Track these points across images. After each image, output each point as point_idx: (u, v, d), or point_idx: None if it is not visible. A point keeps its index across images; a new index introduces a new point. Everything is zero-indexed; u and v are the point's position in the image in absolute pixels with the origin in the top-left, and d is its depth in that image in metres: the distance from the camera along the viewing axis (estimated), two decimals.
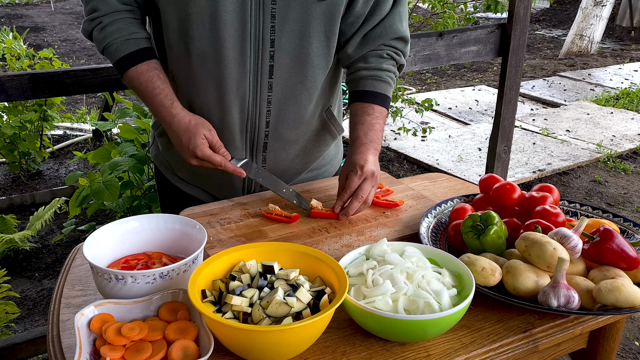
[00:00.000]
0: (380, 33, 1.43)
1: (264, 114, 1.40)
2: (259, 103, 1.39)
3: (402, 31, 1.45)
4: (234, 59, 1.32)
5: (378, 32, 1.43)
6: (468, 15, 3.97)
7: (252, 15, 1.28)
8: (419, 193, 1.51)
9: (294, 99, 1.41)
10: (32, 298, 2.93)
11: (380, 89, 1.44)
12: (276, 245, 1.06)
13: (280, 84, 1.37)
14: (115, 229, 1.10)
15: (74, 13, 11.08)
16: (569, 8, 11.49)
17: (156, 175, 1.69)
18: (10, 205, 3.73)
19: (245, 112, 1.40)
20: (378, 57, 1.45)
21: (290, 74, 1.37)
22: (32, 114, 3.75)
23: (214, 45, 1.30)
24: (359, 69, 1.45)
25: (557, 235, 1.08)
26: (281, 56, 1.34)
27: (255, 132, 1.43)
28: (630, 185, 4.40)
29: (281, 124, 1.43)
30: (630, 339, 2.74)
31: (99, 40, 1.34)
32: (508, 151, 2.98)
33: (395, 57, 1.46)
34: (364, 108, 1.43)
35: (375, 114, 1.42)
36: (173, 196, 1.63)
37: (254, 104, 1.39)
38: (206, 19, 1.27)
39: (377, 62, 1.44)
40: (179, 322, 0.95)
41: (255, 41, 1.31)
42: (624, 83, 7.17)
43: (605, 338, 1.23)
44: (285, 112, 1.42)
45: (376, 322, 0.94)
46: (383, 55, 1.45)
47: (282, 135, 1.46)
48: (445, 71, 7.90)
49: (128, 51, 1.33)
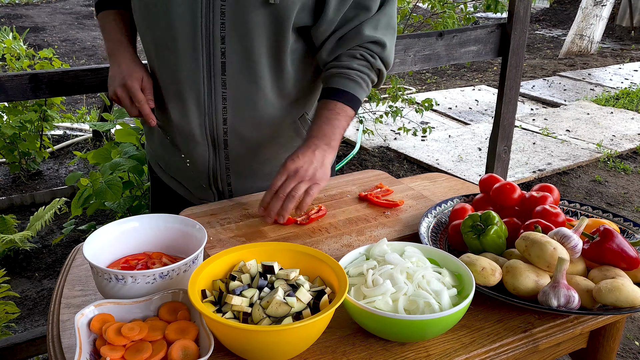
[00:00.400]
0: (352, 36, 1.38)
1: (220, 110, 1.40)
2: (214, 99, 1.39)
3: (376, 36, 1.39)
4: (187, 52, 1.34)
5: (350, 36, 1.39)
6: (468, 15, 3.98)
7: (203, 10, 1.29)
8: (419, 193, 1.51)
9: (249, 99, 1.40)
10: (32, 298, 2.93)
11: (346, 87, 1.37)
12: (276, 245, 1.06)
13: (233, 82, 1.37)
14: (115, 229, 1.10)
15: (74, 13, 11.08)
16: (569, 8, 11.49)
17: (148, 168, 1.74)
18: (10, 205, 3.73)
19: (202, 107, 1.40)
20: (350, 56, 1.39)
21: (243, 73, 1.36)
22: (32, 114, 3.75)
23: (168, 36, 1.33)
24: (329, 67, 1.41)
25: (557, 235, 1.08)
26: (232, 54, 1.33)
27: (214, 128, 1.42)
28: (630, 185, 4.40)
29: (239, 123, 1.42)
30: (630, 339, 2.74)
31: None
32: (508, 151, 2.98)
33: (369, 59, 1.39)
34: (326, 104, 1.38)
35: (336, 110, 1.36)
36: (158, 188, 1.66)
37: (209, 99, 1.39)
38: (161, 8, 1.31)
39: (348, 60, 1.39)
40: (179, 322, 0.95)
41: (207, 36, 1.32)
42: (624, 83, 7.17)
43: (605, 338, 1.23)
44: (242, 111, 1.41)
45: (376, 322, 0.94)
46: (356, 55, 1.39)
47: (242, 135, 1.44)
48: (445, 71, 7.90)
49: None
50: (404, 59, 2.55)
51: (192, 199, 1.58)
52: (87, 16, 10.80)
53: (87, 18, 10.65)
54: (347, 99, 1.37)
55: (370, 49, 1.41)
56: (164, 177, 1.63)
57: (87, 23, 10.27)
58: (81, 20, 10.46)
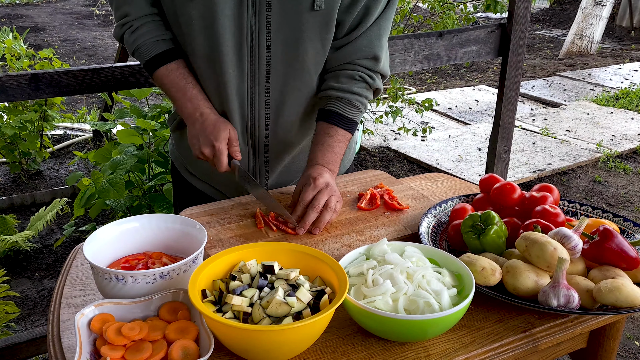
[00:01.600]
0: (352, 50, 1.40)
1: (263, 117, 1.43)
2: (257, 106, 1.41)
3: (375, 50, 1.41)
4: (232, 63, 1.35)
5: (350, 49, 1.40)
6: (468, 15, 3.98)
7: (249, 21, 1.31)
8: (419, 193, 1.51)
9: (291, 103, 1.43)
10: (32, 298, 2.93)
11: (347, 113, 1.41)
12: (276, 245, 1.06)
13: (277, 88, 1.39)
14: (115, 229, 1.10)
15: (74, 13, 11.08)
16: (569, 8, 11.49)
17: (172, 170, 1.73)
18: (11, 205, 3.73)
19: (245, 115, 1.42)
20: (349, 78, 1.42)
21: (287, 80, 1.39)
22: (32, 114, 3.75)
23: (213, 49, 1.33)
24: (329, 87, 1.43)
25: (558, 235, 1.08)
26: (277, 62, 1.36)
27: (256, 134, 1.46)
28: (630, 185, 4.40)
29: (281, 127, 1.45)
30: (630, 338, 2.74)
31: (129, 42, 1.40)
32: (508, 151, 2.98)
33: (368, 80, 1.43)
34: (327, 129, 1.41)
35: (338, 137, 1.41)
36: (185, 191, 1.66)
37: (253, 107, 1.41)
38: (207, 22, 1.30)
39: (349, 83, 1.42)
40: (179, 322, 0.95)
41: (252, 46, 1.34)
42: (624, 83, 7.17)
43: (605, 338, 1.23)
44: (284, 115, 1.44)
45: (376, 322, 0.94)
46: (355, 77, 1.42)
47: (282, 138, 1.48)
48: (445, 71, 7.90)
49: (158, 51, 1.38)
50: (404, 59, 2.55)
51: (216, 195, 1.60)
52: (87, 16, 10.80)
53: (87, 18, 10.65)
54: (347, 124, 1.42)
55: (367, 67, 1.43)
56: (196, 182, 1.62)
57: (87, 23, 10.27)
58: (81, 20, 10.46)
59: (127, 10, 1.37)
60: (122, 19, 1.39)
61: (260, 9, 1.30)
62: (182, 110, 1.41)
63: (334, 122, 1.41)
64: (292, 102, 1.43)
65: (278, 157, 1.51)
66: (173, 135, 1.64)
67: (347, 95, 1.41)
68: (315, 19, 1.32)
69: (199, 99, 1.40)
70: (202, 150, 1.37)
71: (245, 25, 1.31)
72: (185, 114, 1.41)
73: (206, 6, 1.28)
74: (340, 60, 1.42)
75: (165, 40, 1.39)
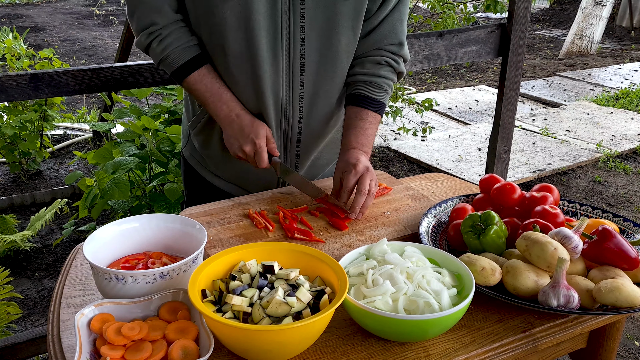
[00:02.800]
0: (378, 37, 1.45)
1: (297, 110, 1.45)
2: (292, 100, 1.44)
3: (399, 35, 1.47)
4: (267, 59, 1.36)
5: (376, 37, 1.45)
6: (468, 15, 3.98)
7: (283, 17, 1.33)
8: (419, 193, 1.51)
9: (324, 94, 1.46)
10: (32, 298, 2.93)
11: (376, 95, 1.46)
12: (276, 245, 1.06)
13: (311, 80, 1.42)
14: (115, 229, 1.11)
15: (74, 13, 11.08)
16: (569, 8, 11.49)
17: (187, 174, 1.72)
18: (11, 205, 3.74)
19: (279, 110, 1.44)
20: (375, 63, 1.47)
21: (321, 70, 1.42)
22: (32, 114, 3.75)
23: (248, 47, 1.34)
24: (356, 73, 1.47)
25: (558, 235, 1.08)
26: (311, 54, 1.38)
27: (289, 128, 1.48)
28: (630, 185, 4.40)
29: (313, 119, 1.48)
30: (630, 338, 2.74)
31: (157, 52, 1.38)
32: (508, 151, 2.98)
33: (393, 64, 1.48)
34: (358, 112, 1.45)
35: (369, 119, 1.44)
36: (206, 193, 1.64)
37: (287, 101, 1.44)
38: (241, 22, 1.31)
39: (374, 68, 1.46)
40: (179, 322, 0.95)
41: (287, 41, 1.36)
42: (624, 83, 7.17)
43: (605, 338, 1.23)
44: (317, 107, 1.47)
45: (376, 322, 0.94)
46: (381, 62, 1.47)
47: (313, 130, 1.51)
48: (445, 71, 7.90)
49: (189, 57, 1.38)
50: None
51: None
52: (87, 16, 10.80)
53: (87, 18, 10.66)
54: (377, 107, 1.46)
55: (392, 52, 1.48)
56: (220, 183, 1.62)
57: (87, 23, 10.27)
58: (81, 20, 10.46)
59: (154, 19, 1.34)
60: (147, 27, 1.35)
61: (294, 3, 1.32)
62: (217, 112, 1.42)
63: (364, 106, 1.45)
64: (325, 93, 1.46)
65: (308, 150, 1.54)
66: (197, 139, 1.61)
67: (374, 79, 1.46)
68: (347, 8, 1.35)
69: (233, 101, 1.42)
70: (243, 148, 1.39)
71: (279, 20, 1.33)
72: (222, 116, 1.42)
73: (242, 5, 1.29)
74: (367, 47, 1.46)
75: (194, 46, 1.39)
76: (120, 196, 2.56)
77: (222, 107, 1.41)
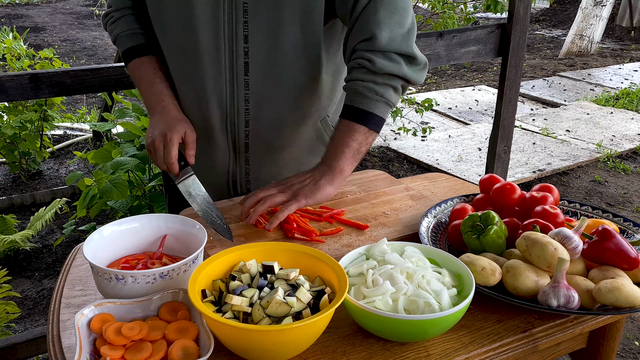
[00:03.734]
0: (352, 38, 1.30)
1: (243, 113, 1.39)
2: (236, 101, 1.37)
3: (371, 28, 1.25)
4: (209, 54, 1.32)
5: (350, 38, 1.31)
6: (468, 15, 3.98)
7: (225, 9, 1.27)
8: (419, 193, 1.51)
9: (272, 100, 1.37)
10: (32, 298, 2.93)
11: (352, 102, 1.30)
12: (276, 245, 1.06)
13: (256, 82, 1.35)
14: (115, 229, 1.11)
15: (74, 13, 11.08)
16: (569, 8, 11.49)
17: (165, 176, 1.70)
18: (11, 205, 3.74)
19: (224, 110, 1.39)
20: (352, 67, 1.31)
21: (267, 73, 1.33)
22: (32, 114, 3.75)
23: (189, 39, 1.31)
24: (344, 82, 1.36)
25: (559, 235, 1.08)
26: (256, 53, 1.31)
27: (236, 131, 1.42)
28: (630, 185, 4.40)
29: (261, 125, 1.41)
30: (630, 338, 2.74)
31: (110, 32, 1.46)
32: (508, 151, 2.98)
33: (366, 64, 1.26)
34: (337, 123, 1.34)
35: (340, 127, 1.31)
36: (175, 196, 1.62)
37: (231, 101, 1.37)
38: (180, 12, 1.29)
39: (351, 73, 1.31)
40: (179, 322, 0.95)
41: (229, 36, 1.30)
42: (624, 83, 7.17)
43: (605, 338, 1.23)
44: (264, 112, 1.39)
45: (376, 322, 0.94)
46: (354, 65, 1.30)
47: (264, 138, 1.43)
48: (445, 71, 7.90)
49: (132, 44, 1.42)
50: None
51: None
52: (87, 16, 10.80)
53: (87, 18, 10.65)
54: (351, 113, 1.29)
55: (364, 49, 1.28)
56: None
57: (87, 23, 10.27)
58: (81, 20, 10.46)
59: (110, 1, 1.45)
60: (109, 8, 1.46)
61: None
62: (146, 102, 1.41)
63: (342, 114, 1.33)
64: (273, 98, 1.37)
65: (260, 159, 1.47)
66: None
67: (348, 84, 1.31)
68: (294, 8, 1.25)
69: (164, 94, 1.39)
70: (154, 138, 1.31)
71: (221, 14, 1.27)
72: (149, 105, 1.40)
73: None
74: (347, 54, 1.33)
75: (138, 35, 1.42)
76: (118, 196, 2.56)
77: (151, 97, 1.40)
